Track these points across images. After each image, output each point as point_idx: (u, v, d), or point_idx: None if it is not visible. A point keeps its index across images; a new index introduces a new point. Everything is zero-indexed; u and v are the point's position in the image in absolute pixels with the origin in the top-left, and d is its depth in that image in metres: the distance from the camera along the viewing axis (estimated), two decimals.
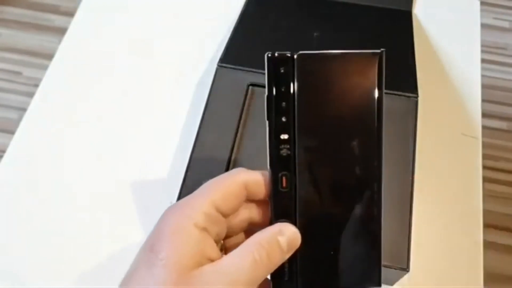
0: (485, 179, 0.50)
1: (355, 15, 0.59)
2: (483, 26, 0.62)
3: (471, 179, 0.51)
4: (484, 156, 0.52)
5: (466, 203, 0.50)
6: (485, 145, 0.53)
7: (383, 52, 0.28)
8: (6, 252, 0.47)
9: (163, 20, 0.63)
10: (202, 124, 0.48)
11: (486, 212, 0.49)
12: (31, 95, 0.57)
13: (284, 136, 0.28)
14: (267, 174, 0.29)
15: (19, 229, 0.48)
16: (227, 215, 0.29)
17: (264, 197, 0.29)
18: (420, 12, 0.63)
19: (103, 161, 0.52)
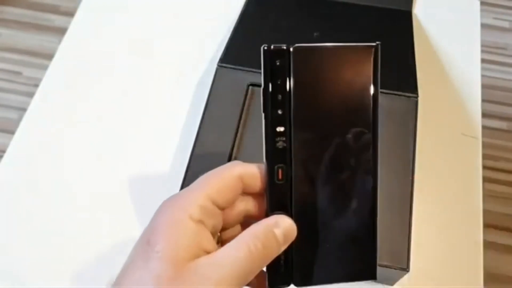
0: (485, 179, 0.50)
1: (355, 15, 0.59)
2: (483, 26, 0.62)
3: (471, 179, 0.51)
4: (484, 156, 0.52)
5: (466, 203, 0.50)
6: (485, 145, 0.53)
7: (378, 45, 0.28)
8: (6, 252, 0.47)
9: (163, 20, 0.63)
10: (202, 124, 0.48)
11: (486, 212, 0.49)
12: (31, 95, 0.57)
13: (280, 129, 0.28)
14: (263, 167, 0.29)
15: (19, 229, 0.48)
16: (223, 207, 0.29)
17: (260, 190, 0.29)
18: (420, 12, 0.63)
19: (103, 161, 0.52)
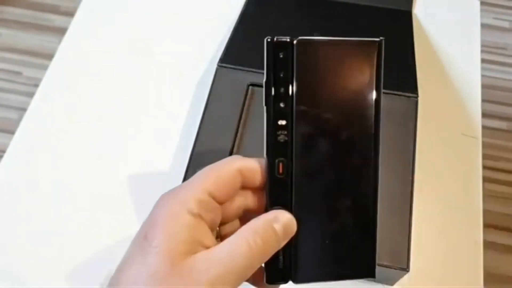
0: (485, 179, 0.50)
1: (355, 15, 0.59)
2: (483, 26, 0.62)
3: (471, 179, 0.51)
4: (484, 156, 0.52)
5: (466, 203, 0.50)
6: (485, 145, 0.53)
7: (382, 40, 0.28)
8: (6, 252, 0.47)
9: (163, 20, 0.63)
10: (202, 124, 0.48)
11: (486, 212, 0.49)
12: (31, 95, 0.57)
13: (282, 122, 0.28)
14: (263, 162, 0.29)
15: (19, 229, 0.48)
16: (222, 202, 0.28)
17: (259, 184, 0.29)
18: (420, 12, 0.63)
19: (103, 161, 0.52)
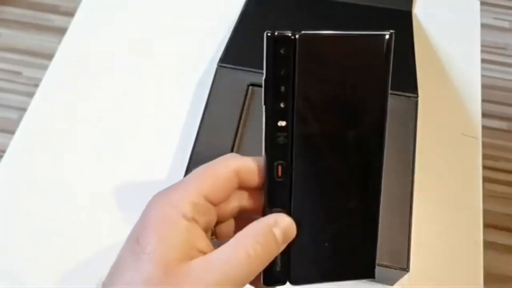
0: (485, 179, 0.50)
1: (355, 15, 0.59)
2: (483, 26, 0.62)
3: (471, 179, 0.51)
4: (484, 156, 0.52)
5: (466, 203, 0.50)
6: (485, 145, 0.53)
7: (392, 33, 0.26)
8: (6, 252, 0.47)
9: (163, 20, 0.63)
10: (202, 124, 0.48)
11: (486, 212, 0.49)
12: (31, 95, 0.56)
13: (282, 123, 0.26)
14: (260, 161, 0.27)
15: (19, 229, 0.48)
16: (217, 203, 0.27)
17: (257, 185, 0.28)
18: (420, 12, 0.63)
19: (103, 161, 0.52)
